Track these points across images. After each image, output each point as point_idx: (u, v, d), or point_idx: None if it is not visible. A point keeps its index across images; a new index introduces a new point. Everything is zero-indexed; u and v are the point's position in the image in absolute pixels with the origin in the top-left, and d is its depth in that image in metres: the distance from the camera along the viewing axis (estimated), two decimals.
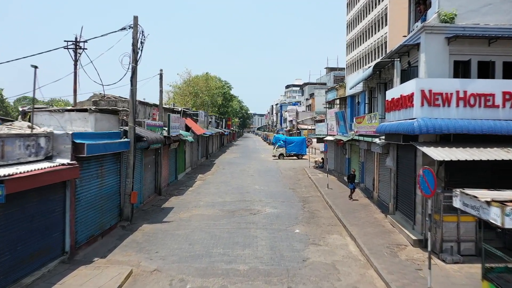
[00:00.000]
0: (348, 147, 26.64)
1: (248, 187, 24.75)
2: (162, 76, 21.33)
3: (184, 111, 32.18)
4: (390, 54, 15.78)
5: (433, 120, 11.78)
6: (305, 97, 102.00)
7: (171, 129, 22.24)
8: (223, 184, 25.72)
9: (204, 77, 67.29)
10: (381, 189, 18.84)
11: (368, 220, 15.84)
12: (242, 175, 30.52)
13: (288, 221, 16.02)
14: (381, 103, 19.22)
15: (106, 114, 15.53)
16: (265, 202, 19.87)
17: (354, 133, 22.34)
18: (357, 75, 24.01)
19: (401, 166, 15.32)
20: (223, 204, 19.28)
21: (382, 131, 15.13)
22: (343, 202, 19.40)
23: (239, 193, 22.35)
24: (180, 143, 27.92)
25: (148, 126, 18.57)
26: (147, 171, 19.48)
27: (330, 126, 29.70)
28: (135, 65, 15.29)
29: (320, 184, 24.96)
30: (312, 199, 20.93)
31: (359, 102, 24.74)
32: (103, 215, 13.53)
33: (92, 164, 12.65)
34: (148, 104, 22.37)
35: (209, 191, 22.99)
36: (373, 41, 58.07)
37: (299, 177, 29.99)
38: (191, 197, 21.25)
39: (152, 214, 17.22)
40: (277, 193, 22.53)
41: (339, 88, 30.10)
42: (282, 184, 26.31)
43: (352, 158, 26.14)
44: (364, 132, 19.49)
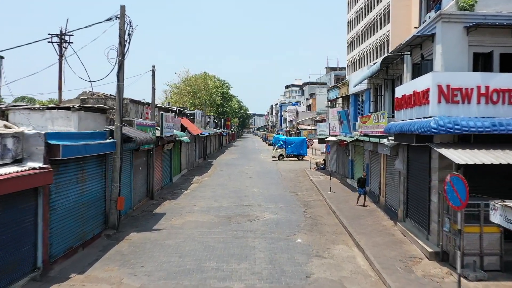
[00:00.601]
0: (351, 148, 25.37)
1: (246, 190, 23.46)
2: (155, 72, 20.04)
3: (180, 111, 30.90)
4: (400, 48, 14.51)
5: (451, 119, 10.50)
6: (305, 97, 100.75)
7: (165, 129, 20.96)
8: (220, 187, 24.42)
9: (202, 76, 66.00)
10: (388, 194, 17.57)
11: (376, 228, 14.55)
12: (240, 177, 29.23)
13: (289, 229, 14.73)
14: (389, 101, 17.96)
15: (91, 113, 14.27)
16: (264, 207, 18.59)
17: (358, 133, 21.07)
18: (361, 72, 22.76)
19: (412, 169, 14.04)
20: (219, 209, 17.99)
21: (391, 131, 13.87)
22: (348, 207, 18.11)
23: (236, 197, 21.06)
24: (175, 144, 26.64)
25: (138, 126, 17.29)
26: (137, 173, 18.20)
27: (332, 126, 28.44)
28: (122, 59, 14.01)
29: (322, 187, 23.68)
30: (314, 204, 19.64)
31: (364, 101, 23.46)
32: (84, 224, 12.24)
33: (71, 167, 11.36)
34: (140, 102, 21.08)
35: (205, 195, 21.70)
36: (374, 40, 56.84)
37: (299, 179, 28.71)
38: (185, 201, 19.96)
39: (142, 220, 15.93)
40: (277, 197, 21.25)
41: (341, 87, 28.83)
42: (282, 186, 25.02)
43: (356, 160, 24.86)
44: (370, 132, 18.22)
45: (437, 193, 11.48)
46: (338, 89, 29.68)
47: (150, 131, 18.89)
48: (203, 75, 66.80)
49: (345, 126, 23.51)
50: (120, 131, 13.99)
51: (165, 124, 20.96)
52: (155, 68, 20.09)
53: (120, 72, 13.97)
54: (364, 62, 60.41)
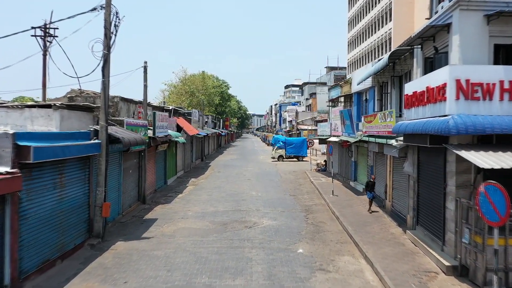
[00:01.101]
0: (354, 148, 24.22)
1: (244, 193, 22.31)
2: (147, 69, 18.88)
3: (175, 110, 29.74)
4: (409, 41, 13.37)
5: (472, 117, 9.37)
6: (305, 97, 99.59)
7: (158, 129, 19.81)
8: (216, 190, 23.27)
9: (200, 76, 64.86)
10: (395, 198, 16.43)
11: (384, 236, 13.40)
12: (238, 179, 28.08)
13: (289, 237, 13.58)
14: (396, 99, 16.83)
15: (76, 112, 13.16)
16: (262, 212, 17.44)
17: (362, 133, 19.95)
18: (365, 69, 21.64)
19: (424, 173, 12.89)
20: (215, 215, 16.84)
21: (400, 131, 12.73)
22: (352, 212, 16.97)
23: (233, 201, 19.91)
24: (171, 145, 25.49)
25: (128, 126, 16.14)
26: (127, 176, 17.04)
27: (334, 126, 27.30)
28: (108, 52, 12.85)
29: (324, 190, 22.53)
30: (316, 208, 18.50)
31: (367, 99, 22.32)
32: (64, 234, 11.08)
33: (47, 171, 10.21)
34: (132, 101, 19.92)
35: (200, 199, 20.54)
36: (376, 38, 55.74)
37: (300, 181, 27.56)
38: (179, 205, 18.80)
39: (130, 227, 14.77)
40: (276, 201, 20.10)
41: (343, 85, 27.69)
42: (282, 189, 23.88)
43: (359, 161, 23.72)
44: (375, 132, 17.09)
45: (454, 200, 10.34)
46: (340, 88, 28.55)
47: (142, 131, 17.75)
48: (201, 74, 65.70)
49: (348, 126, 22.38)
50: (106, 131, 12.84)
51: (158, 124, 19.81)
52: (147, 64, 18.93)
53: (105, 66, 12.82)
54: (365, 61, 59.30)
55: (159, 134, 19.93)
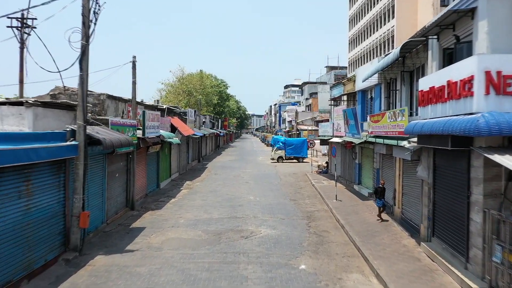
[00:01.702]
0: (358, 150, 22.83)
1: (242, 198, 20.90)
2: (135, 64, 17.47)
3: (170, 109, 28.32)
4: (424, 31, 11.96)
5: (506, 116, 7.96)
6: (304, 97, 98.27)
7: (148, 129, 18.39)
8: (212, 194, 21.85)
9: (198, 75, 63.41)
10: (406, 205, 15.02)
11: (396, 249, 11.99)
12: (236, 182, 26.66)
13: (290, 250, 12.17)
14: (406, 96, 15.43)
15: (54, 110, 11.77)
16: (260, 220, 16.02)
17: (368, 134, 18.56)
18: (370, 65, 20.24)
19: (441, 179, 11.48)
20: (208, 223, 15.43)
21: (414, 131, 11.32)
22: (358, 219, 15.57)
23: (229, 207, 18.49)
24: (164, 146, 24.08)
25: (113, 125, 14.72)
26: (113, 181, 15.63)
27: (336, 126, 25.90)
28: (87, 43, 11.43)
29: (326, 195, 21.12)
30: (319, 215, 17.08)
31: (373, 97, 20.93)
32: (32, 249, 9.67)
33: (8, 178, 8.79)
34: (121, 99, 18.50)
35: (194, 204, 19.12)
36: (378, 36, 54.37)
37: (300, 184, 26.15)
38: (170, 212, 17.38)
39: (114, 238, 13.35)
40: (276, 206, 18.68)
41: (346, 83, 26.30)
42: (282, 193, 22.46)
43: (364, 164, 22.32)
44: (383, 132, 15.69)
45: (481, 211, 8.94)
46: (342, 86, 27.16)
47: (130, 131, 16.33)
48: (199, 73, 64.28)
49: (352, 126, 20.97)
50: (84, 131, 11.42)
51: (149, 124, 18.38)
52: (136, 59, 17.51)
53: (83, 59, 11.39)
54: (367, 60, 57.92)
55: (149, 134, 18.52)
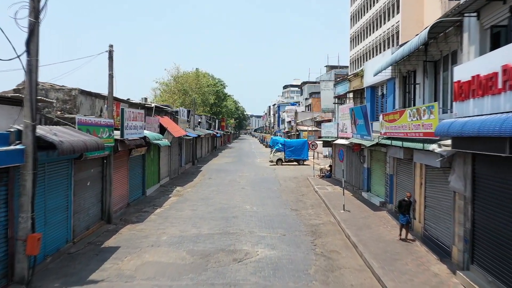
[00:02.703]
0: (367, 153, 20.47)
1: (236, 207, 18.51)
2: (112, 54, 15.06)
3: (159, 108, 25.92)
4: (459, 8, 9.59)
5: None
6: (304, 97, 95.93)
7: (128, 130, 15.99)
8: (203, 203, 19.45)
9: (194, 73, 60.97)
10: (430, 220, 12.64)
11: (426, 280, 9.60)
12: (231, 188, 24.28)
13: (293, 280, 9.79)
14: (430, 91, 13.07)
15: (3, 106, 9.42)
16: (257, 236, 13.64)
17: (381, 135, 16.21)
18: (382, 57, 17.90)
19: (484, 192, 9.12)
20: (196, 240, 13.04)
21: (451, 132, 8.95)
22: (372, 236, 13.20)
23: (222, 219, 16.11)
24: (151, 148, 21.69)
25: (81, 125, 12.32)
26: (83, 191, 13.23)
27: (341, 126, 23.55)
28: (36, 20, 9.02)
29: (332, 203, 18.76)
30: (325, 230, 14.71)
31: (385, 94, 18.60)
32: None
33: None
34: (99, 95, 16.11)
35: (182, 215, 16.73)
36: (381, 33, 52.11)
37: (302, 190, 23.78)
38: (153, 225, 14.99)
39: (79, 262, 10.95)
40: (275, 218, 16.30)
41: (353, 79, 23.95)
42: (282, 201, 20.08)
43: (374, 169, 19.96)
44: (402, 134, 13.32)
45: None
46: (348, 82, 24.81)
47: (104, 132, 13.94)
48: (195, 72, 61.86)
49: (361, 126, 18.60)
50: (32, 132, 9.01)
51: (129, 124, 15.98)
52: (113, 48, 15.09)
53: (32, 40, 8.97)
54: (370, 57, 55.64)
55: (129, 136, 16.12)
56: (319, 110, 77.71)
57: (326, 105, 27.57)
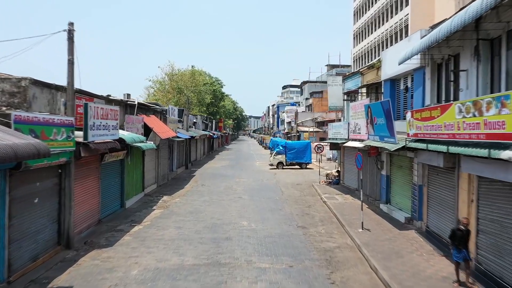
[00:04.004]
0: (386, 158, 17.35)
1: (231, 223, 15.35)
2: (73, 35, 11.87)
3: (144, 106, 22.75)
4: None
5: None
6: (304, 97, 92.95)
7: (94, 131, 12.83)
8: (192, 218, 16.29)
9: (190, 72, 57.72)
10: (487, 251, 9.49)
11: None
12: (226, 198, 21.12)
13: None
14: (484, 78, 9.95)
15: None
16: (257, 269, 10.48)
17: (408, 136, 13.12)
18: (408, 43, 14.78)
19: None
20: (175, 277, 9.88)
21: None
22: (407, 269, 10.06)
23: (212, 241, 12.94)
24: (132, 152, 18.55)
25: (19, 124, 9.16)
26: (26, 211, 10.07)
27: (353, 127, 20.43)
28: None
29: (345, 218, 15.62)
30: (343, 257, 11.55)
31: (409, 87, 15.52)
32: None
33: None
34: (61, 88, 12.93)
35: (163, 236, 13.57)
36: (388, 27, 49.04)
37: (308, 200, 20.64)
38: (124, 252, 11.82)
39: None
40: (279, 240, 13.15)
41: (366, 72, 20.83)
42: (285, 215, 16.93)
43: (395, 176, 16.83)
44: (445, 135, 10.19)
45: None
46: (360, 76, 21.69)
47: (59, 133, 10.79)
48: (190, 70, 58.63)
49: (380, 126, 15.47)
50: None
51: (96, 123, 12.82)
52: (74, 27, 11.89)
53: None
54: (375, 55, 52.59)
55: (97, 137, 12.95)
56: (320, 110, 74.76)
57: (334, 103, 24.46)
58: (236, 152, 64.68)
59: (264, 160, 44.56)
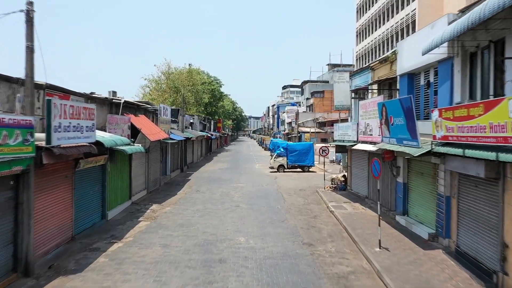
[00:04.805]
0: (403, 163, 15.27)
1: (226, 240, 13.25)
2: (32, 17, 9.78)
3: (132, 105, 20.65)
4: None
5: None
6: (305, 97, 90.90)
7: (63, 133, 10.74)
8: (181, 233, 14.19)
9: (187, 71, 55.59)
10: None
11: None
12: (223, 206, 19.03)
13: None
14: None
15: None
16: None
17: (434, 139, 11.06)
18: (431, 31, 12.70)
19: None
20: None
21: None
22: None
23: (203, 265, 10.85)
24: (116, 156, 16.49)
25: None
26: None
27: (364, 128, 18.35)
28: None
29: (358, 233, 13.54)
30: (360, 286, 9.47)
31: (432, 83, 13.43)
32: None
33: None
34: (17, 80, 10.81)
35: (146, 256, 11.47)
36: (393, 24, 46.99)
37: (313, 209, 18.55)
38: (95, 280, 9.73)
39: None
40: (282, 263, 11.06)
41: (377, 67, 18.75)
42: (289, 229, 14.84)
43: (413, 185, 14.74)
44: (492, 139, 8.12)
45: None
46: (370, 72, 19.60)
47: (12, 136, 8.72)
48: (188, 69, 56.49)
49: (399, 127, 13.38)
50: None
51: (63, 124, 10.74)
52: (33, 7, 9.81)
53: None
54: (380, 52, 50.55)
55: (64, 141, 10.86)
56: (322, 110, 72.70)
57: (340, 101, 22.37)
58: (235, 154, 62.62)
59: (264, 162, 42.49)
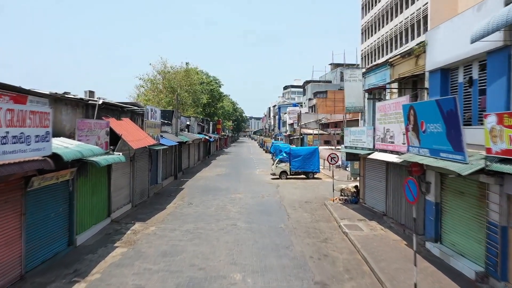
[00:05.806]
0: (435, 178, 12.50)
1: (217, 280, 10.49)
2: None
3: (114, 106, 17.89)
4: None
5: None
6: (307, 97, 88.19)
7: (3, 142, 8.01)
8: (162, 265, 11.43)
9: (184, 70, 52.88)
10: None
11: None
12: (217, 225, 16.28)
13: None
14: None
15: None
16: None
17: (493, 153, 8.32)
18: (477, 13, 9.95)
19: None
20: None
21: None
22: None
23: None
24: (88, 169, 13.77)
25: None
26: None
27: (382, 134, 15.59)
28: None
29: (383, 268, 10.77)
30: None
31: (477, 79, 10.68)
32: None
33: None
34: None
35: None
36: (403, 19, 44.20)
37: (322, 228, 15.80)
38: None
39: None
40: None
41: (398, 62, 15.99)
42: (295, 259, 12.07)
43: (449, 206, 11.96)
44: None
45: None
46: (389, 68, 16.85)
47: None
48: (185, 68, 53.76)
49: (434, 135, 10.61)
50: None
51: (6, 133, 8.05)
52: None
53: None
54: (388, 50, 47.78)
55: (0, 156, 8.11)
56: (324, 111, 69.92)
57: (352, 103, 19.61)
58: (235, 157, 59.85)
59: (265, 166, 39.76)
